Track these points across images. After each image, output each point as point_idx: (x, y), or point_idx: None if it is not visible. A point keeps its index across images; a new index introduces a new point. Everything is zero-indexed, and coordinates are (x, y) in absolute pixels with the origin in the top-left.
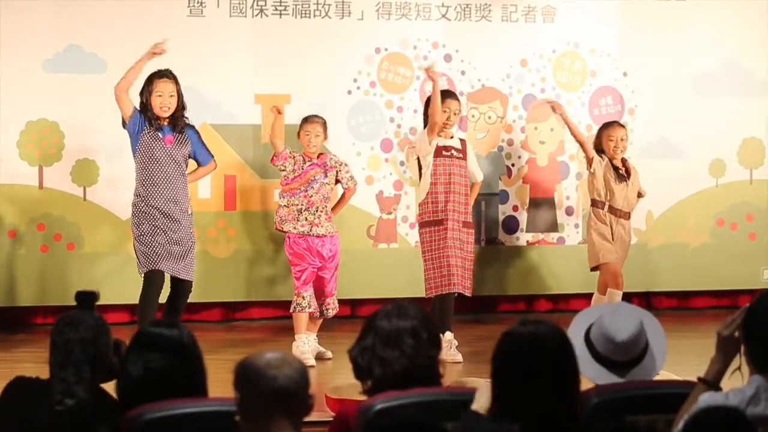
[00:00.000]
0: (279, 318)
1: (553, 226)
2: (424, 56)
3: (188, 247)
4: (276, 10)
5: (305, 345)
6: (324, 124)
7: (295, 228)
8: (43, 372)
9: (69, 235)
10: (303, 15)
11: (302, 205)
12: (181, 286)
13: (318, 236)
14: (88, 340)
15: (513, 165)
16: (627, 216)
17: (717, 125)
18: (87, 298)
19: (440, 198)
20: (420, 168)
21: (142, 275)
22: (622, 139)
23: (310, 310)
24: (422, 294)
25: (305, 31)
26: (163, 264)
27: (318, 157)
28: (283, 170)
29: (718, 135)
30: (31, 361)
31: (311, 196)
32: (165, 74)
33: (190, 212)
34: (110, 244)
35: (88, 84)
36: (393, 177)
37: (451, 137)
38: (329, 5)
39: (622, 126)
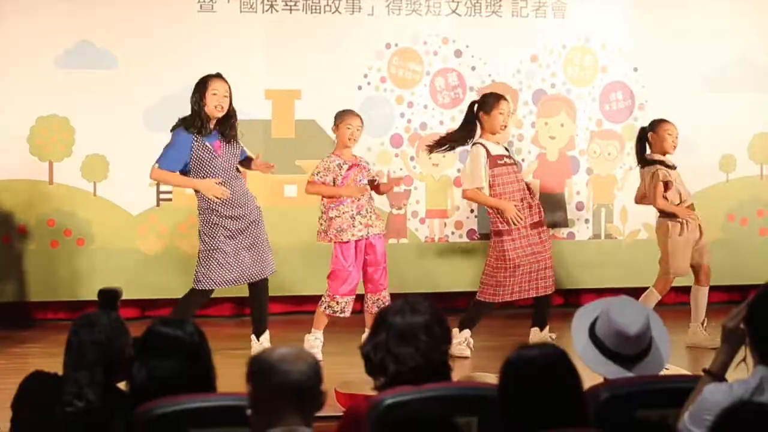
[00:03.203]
0: (289, 313)
1: (564, 222)
2: (434, 51)
3: (261, 247)
4: (286, 5)
5: (317, 341)
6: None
7: (353, 235)
8: (52, 367)
9: (79, 230)
10: (313, 10)
11: (353, 210)
12: (255, 286)
13: (375, 236)
14: (102, 342)
15: (523, 160)
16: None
17: (727, 120)
18: (109, 296)
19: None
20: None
21: (196, 286)
22: (677, 136)
23: (341, 316)
24: (432, 289)
25: (315, 26)
26: (225, 280)
27: (353, 158)
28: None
29: (728, 130)
30: (41, 356)
31: (359, 199)
32: (219, 75)
33: (258, 210)
34: (121, 240)
35: (99, 80)
36: (403, 172)
37: (497, 142)
38: (339, 1)
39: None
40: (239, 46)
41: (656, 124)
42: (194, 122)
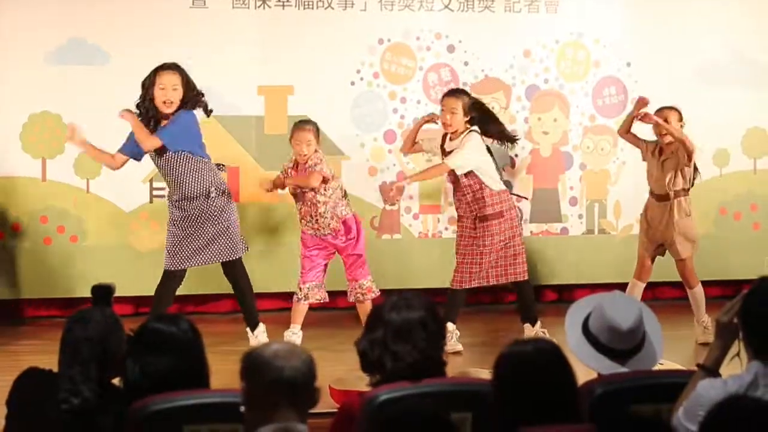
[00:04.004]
0: (284, 310)
1: (557, 217)
2: (427, 47)
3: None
4: (279, 1)
5: (294, 336)
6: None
7: (304, 228)
8: (46, 364)
9: (72, 227)
10: (306, 6)
11: (300, 214)
12: (225, 271)
13: (325, 236)
14: (96, 339)
15: (516, 156)
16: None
17: (721, 115)
18: (103, 292)
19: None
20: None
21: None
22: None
23: (307, 302)
24: (426, 284)
25: (308, 22)
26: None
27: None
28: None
29: (721, 124)
30: (35, 353)
31: (300, 208)
32: (169, 66)
33: (213, 195)
34: (114, 237)
35: (91, 76)
36: (396, 168)
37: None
38: None
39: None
40: (232, 42)
41: (668, 112)
42: (146, 114)
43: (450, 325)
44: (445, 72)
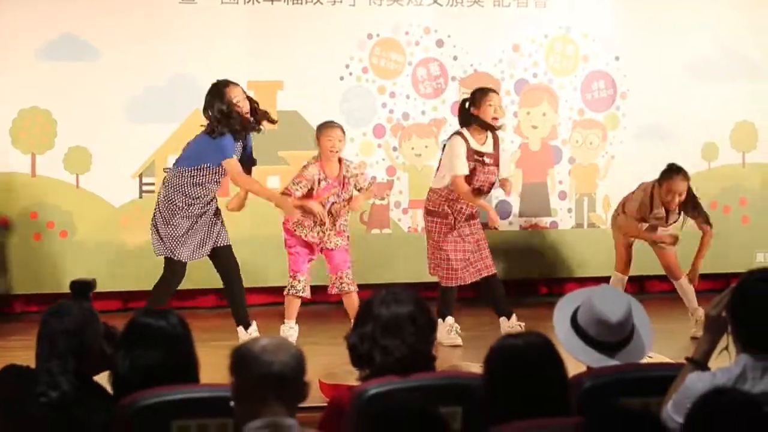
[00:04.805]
0: (272, 304)
1: (546, 211)
2: (416, 41)
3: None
4: None
5: (291, 330)
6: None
7: (306, 236)
8: (34, 361)
9: (62, 222)
10: (295, 1)
11: (315, 221)
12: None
13: (327, 249)
14: (72, 331)
15: (505, 150)
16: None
17: (709, 109)
18: (81, 287)
19: (453, 196)
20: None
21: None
22: (680, 194)
23: (304, 295)
24: (415, 279)
25: (297, 17)
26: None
27: (337, 172)
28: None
29: (710, 118)
30: (24, 349)
31: (312, 216)
32: (230, 81)
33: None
34: (103, 232)
35: (81, 72)
36: (386, 162)
37: (484, 143)
38: None
39: (687, 178)
40: (221, 38)
41: (664, 178)
42: (233, 128)
43: (449, 319)
44: (434, 66)
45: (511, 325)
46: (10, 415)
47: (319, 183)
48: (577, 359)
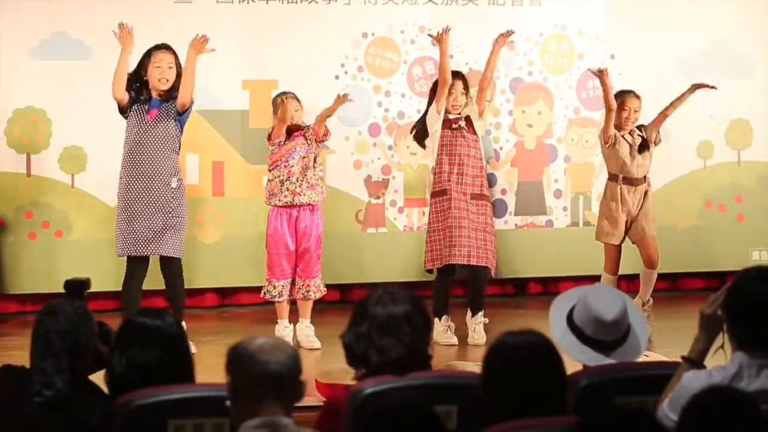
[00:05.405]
0: (269, 303)
1: (542, 210)
2: (411, 40)
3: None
4: None
5: (286, 330)
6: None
7: (279, 200)
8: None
9: (57, 222)
10: (290, 0)
11: (283, 176)
12: (163, 265)
13: (300, 206)
14: (66, 330)
15: (501, 148)
16: (643, 180)
17: (705, 107)
18: (76, 286)
19: (445, 168)
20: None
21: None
22: (635, 111)
23: (280, 300)
24: (411, 278)
25: (292, 16)
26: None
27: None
28: (274, 147)
29: (705, 116)
30: (20, 349)
31: (292, 166)
32: (164, 46)
33: (174, 186)
34: (99, 232)
35: (75, 71)
36: (381, 161)
37: (459, 114)
38: None
39: (638, 97)
40: (216, 37)
41: (615, 97)
42: (138, 87)
43: (445, 318)
44: (429, 65)
45: (476, 321)
46: (7, 416)
47: (288, 136)
48: (573, 358)
